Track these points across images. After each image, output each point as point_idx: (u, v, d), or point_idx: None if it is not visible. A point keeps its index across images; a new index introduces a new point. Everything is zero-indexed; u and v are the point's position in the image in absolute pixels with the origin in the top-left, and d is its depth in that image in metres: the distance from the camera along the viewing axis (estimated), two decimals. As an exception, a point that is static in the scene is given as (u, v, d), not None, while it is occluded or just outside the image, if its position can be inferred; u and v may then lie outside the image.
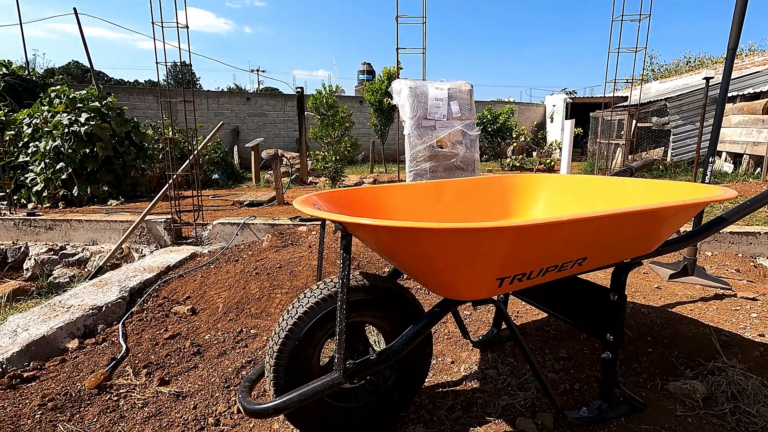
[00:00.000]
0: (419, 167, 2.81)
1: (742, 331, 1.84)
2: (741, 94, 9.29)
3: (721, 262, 2.93)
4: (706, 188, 1.28)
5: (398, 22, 2.98)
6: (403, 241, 1.00)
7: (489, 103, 16.18)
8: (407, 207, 1.71)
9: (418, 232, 0.92)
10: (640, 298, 2.21)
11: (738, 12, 2.19)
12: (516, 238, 0.92)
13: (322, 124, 8.11)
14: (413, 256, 1.04)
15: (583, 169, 10.81)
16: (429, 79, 3.05)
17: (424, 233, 0.91)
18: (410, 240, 0.98)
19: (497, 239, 0.92)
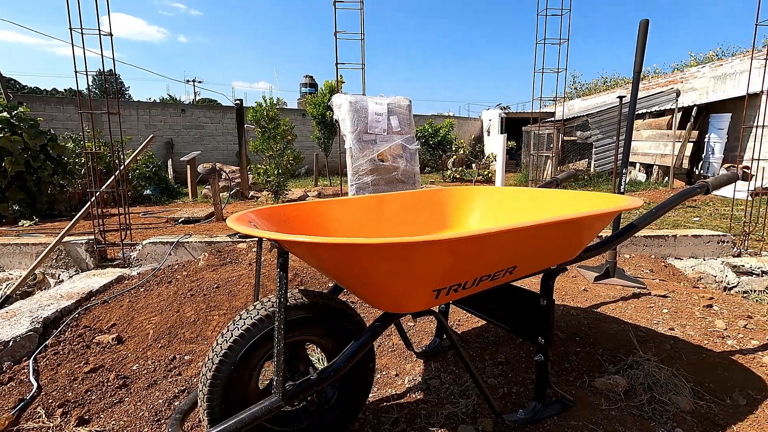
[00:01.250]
0: (361, 181, 2.82)
1: (655, 326, 2.03)
2: (649, 111, 10.36)
3: (637, 264, 3.21)
4: (619, 199, 1.41)
5: (337, 37, 3.01)
6: (340, 257, 1.00)
7: (430, 117, 16.73)
8: (348, 222, 1.71)
9: (354, 248, 0.92)
10: (569, 301, 2.36)
11: (640, 41, 2.46)
12: (449, 250, 0.95)
13: (263, 137, 7.93)
14: (351, 271, 1.04)
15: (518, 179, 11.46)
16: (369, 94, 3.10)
17: (359, 249, 0.92)
18: (347, 256, 0.98)
19: (431, 252, 0.94)
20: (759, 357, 1.73)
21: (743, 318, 2.13)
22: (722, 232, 3.49)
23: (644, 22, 2.46)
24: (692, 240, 3.39)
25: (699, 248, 3.40)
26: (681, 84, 10.55)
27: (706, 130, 9.13)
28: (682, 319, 2.11)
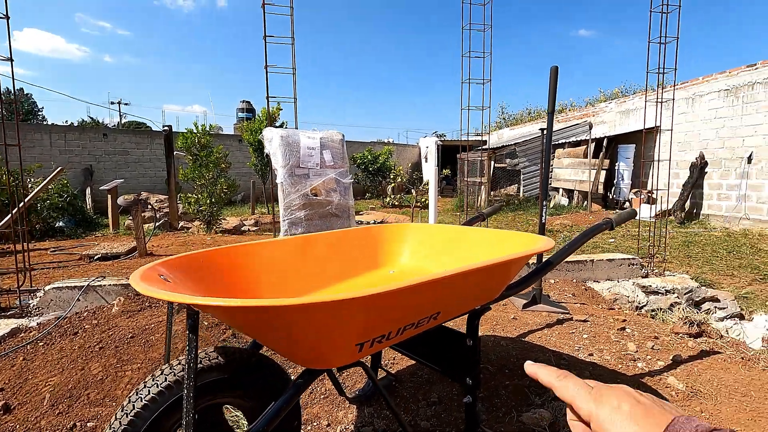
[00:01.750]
0: (294, 216, 2.76)
1: (576, 352, 2.14)
2: (568, 141, 11.33)
3: (561, 288, 3.41)
4: (536, 240, 1.49)
5: (267, 71, 2.98)
6: (254, 318, 0.94)
7: (369, 144, 17.02)
8: (274, 266, 1.64)
9: (264, 310, 0.87)
10: (500, 330, 2.43)
11: (552, 85, 2.69)
12: (366, 306, 0.93)
13: (194, 165, 7.56)
14: (265, 331, 0.99)
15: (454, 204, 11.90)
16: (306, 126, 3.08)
17: (269, 311, 0.87)
18: (258, 318, 0.92)
19: (347, 310, 0.92)
20: (665, 378, 1.88)
21: (651, 339, 2.31)
22: (632, 256, 3.83)
23: (554, 69, 2.70)
24: (607, 264, 3.68)
25: (613, 271, 3.70)
26: (593, 117, 11.70)
27: (616, 158, 10.15)
28: (599, 343, 2.25)
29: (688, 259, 5.36)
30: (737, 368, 1.99)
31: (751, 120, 7.64)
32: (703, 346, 2.25)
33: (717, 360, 2.07)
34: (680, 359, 2.06)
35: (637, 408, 0.39)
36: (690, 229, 7.68)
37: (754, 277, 4.45)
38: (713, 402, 1.70)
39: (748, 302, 3.76)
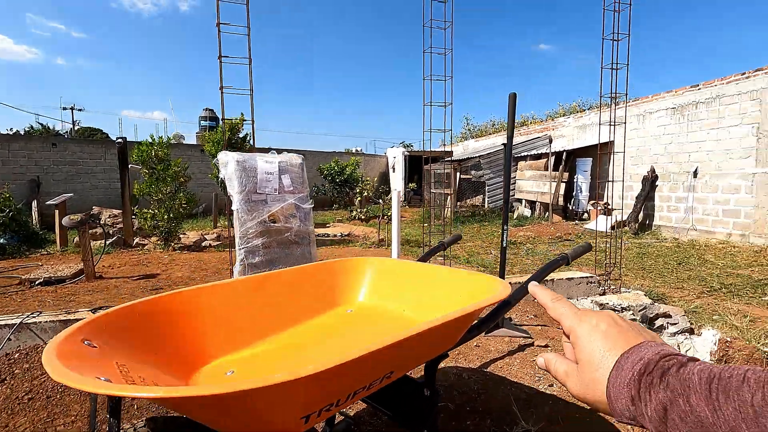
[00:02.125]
0: (251, 244, 2.64)
1: (537, 383, 2.14)
2: (530, 154, 11.66)
3: (522, 309, 3.45)
4: (494, 284, 1.47)
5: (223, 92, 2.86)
6: (185, 403, 0.85)
7: (336, 155, 16.91)
8: (224, 313, 1.54)
9: (194, 399, 0.79)
10: (462, 360, 2.41)
11: (510, 111, 2.72)
12: (309, 383, 0.87)
13: (151, 179, 7.23)
14: (201, 414, 0.90)
15: (421, 215, 11.98)
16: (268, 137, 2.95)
17: (202, 400, 0.79)
18: (192, 403, 0.84)
19: (288, 390, 0.85)
20: (621, 409, 1.90)
21: (608, 365, 2.35)
22: (589, 274, 3.93)
23: (512, 96, 2.74)
24: (567, 282, 3.76)
25: (572, 289, 3.78)
26: (553, 131, 12.13)
27: (575, 171, 10.54)
28: (559, 371, 2.27)
29: (642, 271, 5.58)
30: (688, 395, 2.05)
31: (696, 137, 8.13)
32: (656, 371, 2.31)
33: (669, 386, 2.12)
34: (635, 387, 2.09)
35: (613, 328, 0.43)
36: (643, 240, 8.04)
37: (702, 290, 4.68)
38: None
39: (697, 316, 3.94)
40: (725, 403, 0.33)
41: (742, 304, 4.14)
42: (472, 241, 8.09)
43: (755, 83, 7.13)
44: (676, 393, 0.36)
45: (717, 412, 0.33)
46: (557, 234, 8.55)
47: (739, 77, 7.47)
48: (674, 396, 0.36)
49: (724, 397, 0.33)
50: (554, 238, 8.24)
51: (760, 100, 7.06)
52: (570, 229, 9.07)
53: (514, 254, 6.65)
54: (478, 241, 8.18)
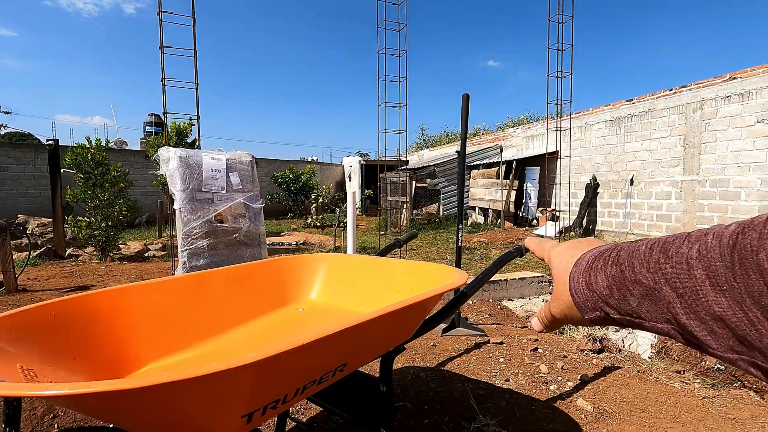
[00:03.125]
0: (195, 245, 2.47)
1: (493, 378, 2.13)
2: (482, 162, 12.03)
3: (478, 309, 3.48)
4: (449, 272, 1.44)
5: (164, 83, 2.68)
6: (100, 404, 0.73)
7: (291, 163, 16.60)
8: (158, 312, 1.40)
9: (111, 398, 0.67)
10: (419, 360, 2.36)
11: (464, 113, 2.75)
12: (251, 373, 0.78)
13: (87, 184, 6.69)
14: (124, 417, 0.78)
15: (378, 223, 11.96)
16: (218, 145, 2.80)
17: (121, 398, 0.67)
18: (109, 403, 0.72)
19: (226, 383, 0.75)
20: (575, 400, 1.92)
21: (560, 358, 2.40)
22: (540, 274, 4.05)
23: (465, 96, 2.77)
24: (519, 282, 3.84)
25: (525, 289, 3.87)
26: (503, 141, 12.61)
27: (524, 179, 10.98)
28: (515, 366, 2.28)
29: (587, 272, 5.85)
30: (635, 382, 2.12)
31: (632, 147, 8.74)
32: (605, 362, 2.38)
33: (618, 376, 2.18)
34: (587, 378, 2.14)
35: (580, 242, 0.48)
36: (588, 244, 8.47)
37: (641, 288, 4.97)
38: (618, 422, 1.77)
39: (638, 312, 4.17)
40: (665, 262, 0.32)
41: (677, 299, 4.43)
42: (428, 247, 8.16)
43: (681, 98, 7.80)
44: (623, 266, 0.36)
45: (656, 274, 0.33)
46: (509, 239, 8.82)
47: (667, 93, 8.14)
48: (621, 269, 0.36)
49: (664, 257, 0.33)
50: (506, 243, 8.49)
51: (685, 114, 7.72)
52: (521, 234, 9.39)
53: (468, 259, 6.77)
54: (433, 247, 8.26)
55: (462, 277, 1.32)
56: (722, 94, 7.11)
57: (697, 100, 7.52)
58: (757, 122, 6.61)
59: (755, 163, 6.65)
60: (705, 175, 7.40)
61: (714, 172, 7.22)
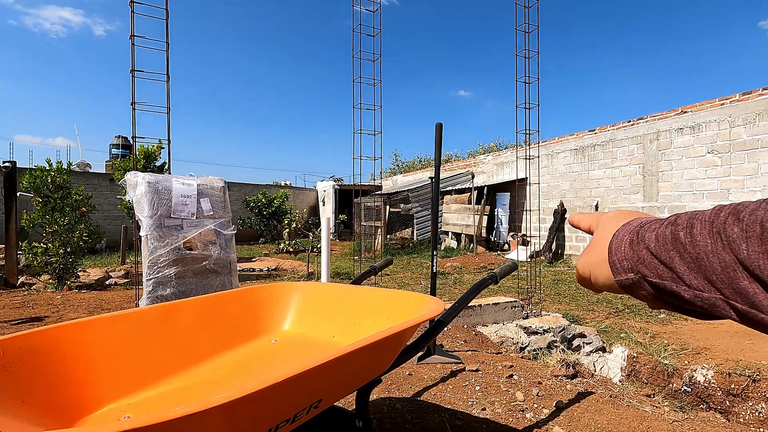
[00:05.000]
0: (161, 274, 2.36)
1: (470, 408, 2.10)
2: (454, 188, 12.26)
3: (453, 335, 3.46)
4: (426, 302, 1.43)
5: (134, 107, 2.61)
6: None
7: (264, 187, 16.42)
8: (123, 345, 1.32)
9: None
10: (395, 390, 2.31)
11: (437, 141, 2.82)
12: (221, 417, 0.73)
13: (45, 208, 6.37)
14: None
15: (352, 248, 11.89)
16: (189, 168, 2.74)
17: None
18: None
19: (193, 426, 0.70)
20: (551, 428, 1.92)
21: (535, 384, 2.40)
22: (513, 299, 4.09)
23: (439, 126, 2.84)
24: (493, 308, 3.87)
25: (499, 314, 3.90)
26: (475, 167, 12.94)
27: (495, 204, 11.24)
28: (491, 395, 2.26)
29: (558, 296, 5.97)
30: (608, 408, 2.14)
31: (595, 175, 9.15)
32: (579, 387, 2.40)
33: (591, 401, 2.20)
34: (562, 405, 2.14)
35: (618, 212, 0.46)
36: (557, 268, 8.68)
37: (609, 311, 5.10)
38: (593, 449, 1.77)
39: (607, 335, 4.25)
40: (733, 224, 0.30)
41: (643, 322, 4.56)
42: (402, 272, 8.14)
43: (638, 130, 8.28)
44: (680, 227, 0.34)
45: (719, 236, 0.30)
46: (482, 264, 8.93)
47: (626, 124, 8.63)
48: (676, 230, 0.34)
49: (733, 219, 0.30)
50: (479, 268, 8.58)
51: (643, 144, 8.18)
52: (493, 259, 9.53)
53: (442, 284, 6.78)
54: (407, 272, 8.25)
55: (439, 306, 1.31)
56: (675, 126, 7.61)
57: (653, 131, 8.00)
58: (708, 153, 7.08)
59: (708, 191, 7.08)
60: (663, 201, 7.79)
61: (671, 198, 7.63)
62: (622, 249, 0.38)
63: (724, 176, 6.84)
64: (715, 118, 6.99)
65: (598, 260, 0.42)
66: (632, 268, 0.37)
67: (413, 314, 1.34)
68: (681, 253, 0.33)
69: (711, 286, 0.31)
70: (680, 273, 0.33)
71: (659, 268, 0.35)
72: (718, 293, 0.31)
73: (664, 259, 0.34)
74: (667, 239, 0.34)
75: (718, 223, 0.31)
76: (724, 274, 0.30)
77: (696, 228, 0.32)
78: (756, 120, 6.45)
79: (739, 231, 0.29)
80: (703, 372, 3.02)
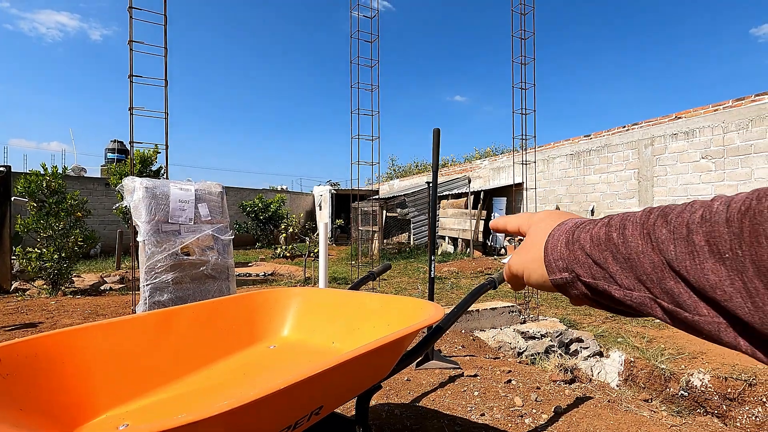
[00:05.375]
0: (158, 279, 2.35)
1: (469, 413, 2.10)
2: (451, 193, 12.29)
3: (451, 340, 3.46)
4: (426, 307, 1.43)
5: (132, 113, 2.60)
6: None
7: (261, 191, 16.39)
8: (121, 352, 1.31)
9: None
10: (393, 396, 2.30)
11: (435, 146, 2.83)
12: (223, 424, 0.73)
13: (40, 213, 6.33)
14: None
15: (349, 252, 11.87)
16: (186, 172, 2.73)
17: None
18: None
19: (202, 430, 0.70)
20: (549, 433, 1.92)
21: (534, 390, 2.40)
22: (510, 304, 4.10)
23: (436, 131, 2.86)
24: (490, 312, 3.87)
25: (496, 319, 3.90)
26: (471, 172, 12.99)
27: (492, 209, 11.27)
28: (489, 400, 2.26)
29: (555, 300, 5.98)
30: (606, 413, 2.14)
31: (591, 179, 9.20)
32: (577, 392, 2.40)
33: (590, 406, 2.20)
34: (560, 410, 2.14)
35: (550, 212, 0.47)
36: (554, 273, 8.69)
37: (606, 316, 5.11)
38: (592, 454, 1.77)
39: (604, 339, 4.26)
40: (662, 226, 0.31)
41: (639, 326, 4.57)
42: (399, 277, 8.13)
43: (633, 135, 8.35)
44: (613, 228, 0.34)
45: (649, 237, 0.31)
46: (479, 268, 8.94)
47: (621, 130, 8.70)
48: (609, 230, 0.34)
49: (662, 221, 0.31)
50: (476, 272, 8.59)
51: (638, 149, 8.25)
52: (490, 263, 9.55)
53: (440, 289, 6.78)
54: (404, 277, 8.24)
55: (438, 312, 1.32)
56: (670, 131, 7.68)
57: (648, 136, 8.07)
58: (702, 158, 7.14)
59: (702, 195, 7.14)
60: (658, 206, 7.85)
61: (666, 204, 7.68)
62: (557, 249, 0.39)
63: (718, 181, 6.90)
64: (708, 123, 7.07)
65: (532, 259, 0.42)
66: (567, 267, 0.38)
67: (413, 320, 1.34)
68: (614, 254, 0.34)
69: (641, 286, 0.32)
70: (613, 273, 0.34)
71: (593, 268, 0.35)
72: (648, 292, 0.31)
73: (598, 259, 0.35)
74: (601, 240, 0.35)
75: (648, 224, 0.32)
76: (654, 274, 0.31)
77: (628, 229, 0.33)
78: (749, 126, 6.52)
79: (667, 233, 0.30)
80: (700, 376, 3.03)
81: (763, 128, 6.35)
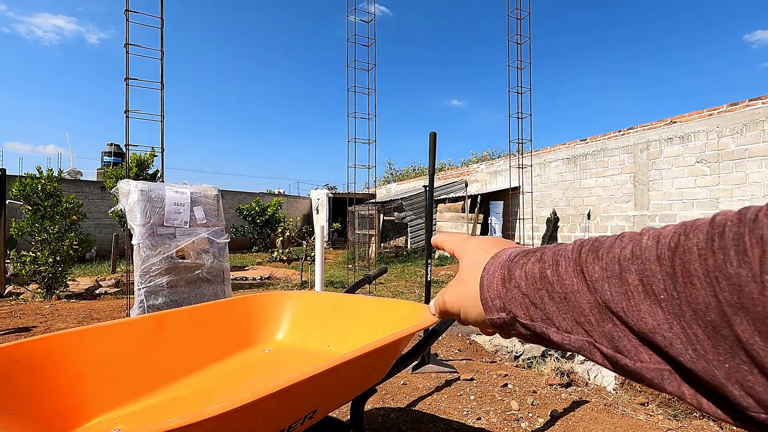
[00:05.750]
0: (154, 283, 2.34)
1: (465, 417, 2.09)
2: (448, 197, 12.31)
3: (447, 344, 3.45)
4: (421, 311, 1.43)
5: (128, 115, 2.60)
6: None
7: (257, 195, 16.36)
8: (113, 355, 1.30)
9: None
10: (390, 400, 2.29)
11: (431, 149, 2.84)
12: (215, 428, 0.72)
13: (35, 216, 6.29)
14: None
15: (346, 256, 11.85)
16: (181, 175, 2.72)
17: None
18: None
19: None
20: (546, 437, 1.91)
21: (530, 393, 2.39)
22: (508, 307, 4.10)
23: (432, 134, 2.86)
24: (487, 316, 3.87)
25: (493, 323, 3.89)
26: (468, 176, 13.02)
27: (489, 213, 11.29)
28: (486, 404, 2.25)
29: (551, 305, 5.99)
30: (603, 416, 2.14)
31: (587, 183, 9.24)
32: (573, 396, 2.40)
33: (586, 410, 2.20)
34: (557, 414, 2.14)
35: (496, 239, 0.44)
36: (551, 277, 8.71)
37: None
38: (588, 458, 1.76)
39: (601, 343, 4.26)
40: (593, 262, 0.28)
41: (636, 330, 4.58)
42: (396, 281, 8.12)
43: (629, 139, 8.40)
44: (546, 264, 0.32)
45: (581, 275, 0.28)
46: (475, 272, 8.94)
47: (616, 134, 8.75)
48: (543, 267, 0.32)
49: (593, 256, 0.28)
50: (473, 276, 8.59)
51: (633, 153, 8.29)
52: (487, 267, 9.55)
53: (436, 292, 6.76)
54: (401, 281, 8.23)
55: (431, 319, 1.31)
56: (665, 136, 7.73)
57: (643, 141, 8.12)
58: (697, 162, 7.19)
59: (697, 199, 7.18)
60: (654, 210, 7.88)
61: (662, 207, 7.72)
62: (494, 286, 0.36)
63: (713, 185, 6.95)
64: (703, 128, 7.12)
65: (467, 296, 0.39)
66: (504, 307, 0.35)
67: (408, 323, 1.33)
68: (550, 293, 0.31)
69: (580, 328, 0.29)
70: (550, 314, 0.31)
71: (530, 309, 0.33)
72: (587, 335, 0.29)
73: (534, 299, 0.32)
74: (536, 277, 0.32)
75: (581, 260, 0.29)
76: (592, 316, 0.28)
77: (561, 266, 0.30)
78: (743, 130, 6.57)
79: (600, 270, 0.27)
80: (696, 380, 3.03)
81: (757, 133, 6.40)
